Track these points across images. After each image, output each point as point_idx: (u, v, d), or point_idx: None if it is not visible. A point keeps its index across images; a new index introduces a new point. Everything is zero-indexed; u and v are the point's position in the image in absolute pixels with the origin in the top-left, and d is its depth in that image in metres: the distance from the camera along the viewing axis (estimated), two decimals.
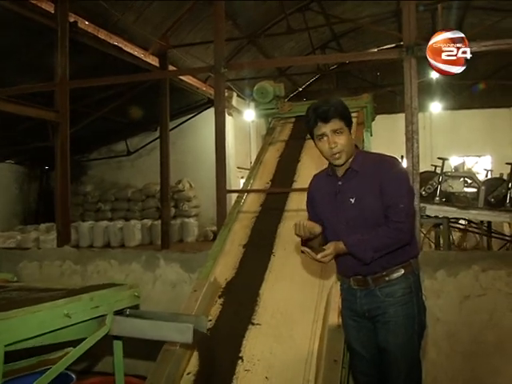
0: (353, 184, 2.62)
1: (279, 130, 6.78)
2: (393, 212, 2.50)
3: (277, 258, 4.43)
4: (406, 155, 4.74)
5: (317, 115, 2.58)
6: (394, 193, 2.52)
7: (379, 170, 2.56)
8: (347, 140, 2.58)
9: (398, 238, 2.51)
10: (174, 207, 13.41)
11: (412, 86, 4.68)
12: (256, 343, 3.53)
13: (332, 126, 2.56)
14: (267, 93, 6.71)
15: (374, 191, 2.54)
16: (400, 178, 2.56)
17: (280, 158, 6.12)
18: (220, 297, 4.04)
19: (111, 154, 15.03)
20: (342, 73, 17.90)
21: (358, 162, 2.64)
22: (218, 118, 5.55)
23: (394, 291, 2.60)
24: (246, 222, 5.07)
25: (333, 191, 2.69)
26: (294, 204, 5.30)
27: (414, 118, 4.71)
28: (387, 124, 16.12)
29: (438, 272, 4.56)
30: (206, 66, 7.36)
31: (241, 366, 3.37)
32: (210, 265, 4.40)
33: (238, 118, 14.82)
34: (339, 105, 2.58)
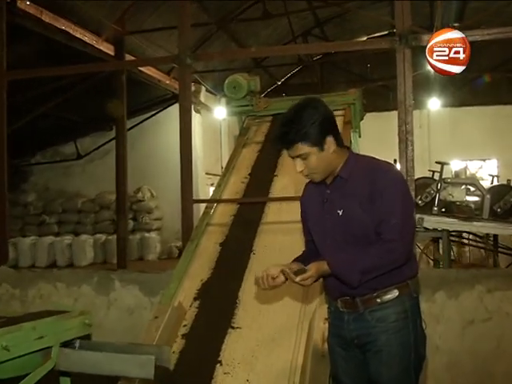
0: (341, 193, 2.64)
1: (254, 130, 6.80)
2: (384, 229, 2.50)
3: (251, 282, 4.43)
4: (399, 159, 4.80)
5: (277, 144, 2.65)
6: (387, 206, 2.52)
7: (370, 178, 2.56)
8: (317, 161, 2.60)
9: (390, 259, 2.51)
10: (132, 220, 13.30)
11: (406, 79, 4.75)
12: (236, 347, 3.78)
13: (294, 151, 2.61)
14: (240, 87, 6.74)
15: (364, 203, 2.54)
16: (394, 187, 2.55)
17: (255, 163, 6.15)
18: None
19: (58, 157, 14.86)
20: (327, 64, 18.08)
21: (347, 168, 2.64)
22: (184, 116, 5.55)
23: (387, 316, 2.61)
24: (216, 237, 5.07)
25: (320, 201, 2.71)
26: (272, 215, 5.32)
27: (408, 116, 4.78)
28: (378, 123, 16.30)
29: (437, 293, 4.61)
30: (170, 56, 7.37)
31: (219, 369, 3.65)
32: (174, 287, 4.38)
33: (207, 116, 14.82)
34: (301, 125, 2.55)
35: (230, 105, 7.05)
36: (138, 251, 12.73)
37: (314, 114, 2.58)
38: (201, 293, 4.40)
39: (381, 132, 15.96)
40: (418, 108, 16.66)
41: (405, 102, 4.81)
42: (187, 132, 5.55)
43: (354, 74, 18.03)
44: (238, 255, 4.80)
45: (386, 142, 13.56)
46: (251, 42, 14.39)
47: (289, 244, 4.48)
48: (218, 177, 6.94)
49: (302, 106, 2.61)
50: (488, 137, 17.23)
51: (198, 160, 13.37)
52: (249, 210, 5.48)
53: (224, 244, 4.97)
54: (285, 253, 4.30)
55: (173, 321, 4.05)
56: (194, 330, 4.10)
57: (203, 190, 13.78)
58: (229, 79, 6.85)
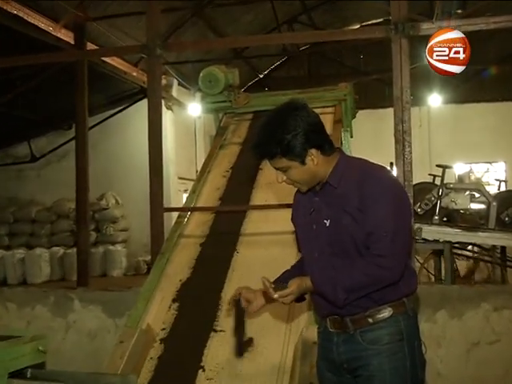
0: (329, 202, 2.66)
1: (233, 129, 6.82)
2: (373, 242, 2.52)
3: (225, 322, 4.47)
4: (395, 162, 4.83)
5: (256, 156, 2.70)
6: (376, 216, 2.53)
7: (361, 185, 2.57)
8: (299, 173, 2.63)
9: (379, 276, 2.52)
10: (94, 231, 13.23)
11: (403, 73, 4.78)
12: (219, 351, 3.95)
13: (274, 164, 2.66)
14: (217, 81, 6.75)
15: (353, 213, 2.56)
16: (386, 196, 2.56)
17: (234, 166, 6.16)
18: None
19: (9, 159, 14.74)
20: (315, 55, 18.17)
21: (337, 174, 2.66)
22: (153, 113, 5.53)
23: (380, 337, 2.62)
24: (190, 250, 5.07)
25: (308, 209, 2.73)
26: (253, 225, 5.33)
27: (405, 114, 4.81)
28: (373, 122, 16.40)
29: (439, 313, 4.64)
30: (137, 45, 7.34)
31: (202, 375, 3.83)
32: (142, 307, 4.37)
33: (180, 114, 14.81)
34: (281, 136, 2.57)
35: (206, 101, 7.04)
36: (101, 266, 12.66)
37: (297, 122, 2.58)
38: (180, 295, 4.53)
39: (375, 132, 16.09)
40: (417, 105, 16.81)
41: (402, 98, 4.85)
42: (157, 131, 5.53)
43: (345, 66, 18.14)
44: (213, 270, 4.80)
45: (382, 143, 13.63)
46: (230, 29, 14.42)
47: (272, 258, 4.52)
48: (193, 182, 6.92)
49: (283, 112, 2.62)
50: (495, 137, 17.37)
51: (170, 163, 13.33)
52: (227, 219, 5.48)
53: (199, 258, 4.97)
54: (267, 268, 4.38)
55: (140, 346, 4.03)
56: (174, 334, 4.23)
57: (175, 197, 13.74)
58: (204, 72, 6.85)
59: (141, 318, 4.28)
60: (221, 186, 5.92)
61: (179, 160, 14.54)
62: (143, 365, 3.99)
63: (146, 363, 4.10)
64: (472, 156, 17.75)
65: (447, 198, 6.95)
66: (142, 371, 4.01)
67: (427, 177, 8.55)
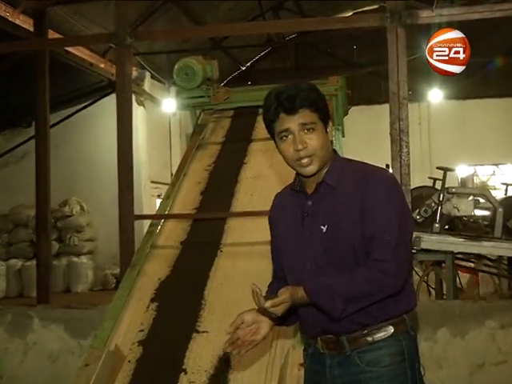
0: (326, 205, 2.64)
1: (212, 127, 6.82)
2: (375, 247, 2.52)
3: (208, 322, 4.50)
4: (391, 164, 4.85)
5: (279, 103, 2.59)
6: (379, 219, 2.54)
7: (362, 187, 2.58)
8: (321, 140, 2.60)
9: (382, 284, 2.50)
10: (56, 241, 13.15)
11: (399, 65, 4.82)
12: (203, 353, 4.16)
13: (300, 118, 2.58)
14: (194, 74, 6.75)
15: (354, 217, 2.56)
16: (390, 198, 2.58)
17: (213, 169, 6.17)
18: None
19: None
20: (304, 46, 18.21)
21: (333, 173, 2.66)
22: (123, 110, 5.53)
23: (380, 358, 2.61)
24: (164, 262, 5.06)
25: (299, 214, 2.70)
26: (235, 234, 5.34)
27: (402, 111, 4.84)
28: (367, 119, 16.44)
29: (440, 331, 4.66)
30: (105, 34, 7.35)
31: (184, 378, 4.02)
32: (110, 326, 4.35)
33: (153, 110, 14.77)
34: (312, 91, 2.62)
35: (182, 96, 7.05)
36: (63, 281, 12.58)
37: (320, 91, 2.66)
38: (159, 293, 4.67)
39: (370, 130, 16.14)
40: (416, 100, 16.88)
41: (398, 94, 4.88)
42: (127, 129, 5.53)
43: (336, 57, 18.18)
44: (190, 286, 4.80)
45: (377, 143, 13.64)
46: (208, 17, 14.42)
47: (254, 271, 4.53)
48: (167, 186, 6.90)
49: (302, 81, 2.69)
50: (502, 136, 17.42)
51: (142, 165, 13.30)
52: (205, 227, 5.47)
53: (173, 270, 4.97)
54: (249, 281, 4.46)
55: (108, 369, 4.02)
56: (153, 336, 4.38)
57: (148, 203, 13.71)
58: (179, 63, 6.85)
59: (108, 339, 4.26)
60: (198, 191, 5.91)
61: (152, 162, 14.50)
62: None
63: (124, 366, 4.17)
64: (476, 157, 17.83)
65: (449, 203, 6.98)
66: (120, 375, 4.08)
67: (427, 180, 8.59)
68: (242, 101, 6.87)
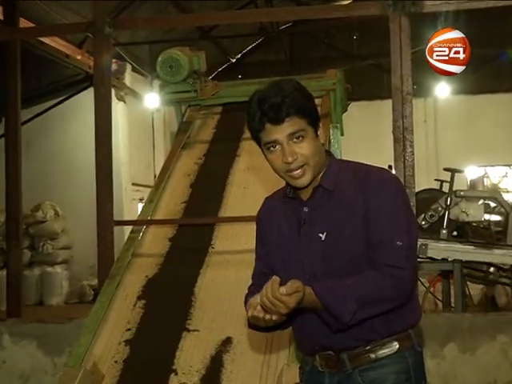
0: (324, 210, 2.63)
1: (199, 124, 6.82)
2: (385, 253, 2.51)
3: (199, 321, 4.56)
4: (394, 165, 4.86)
5: (263, 112, 2.55)
6: (387, 223, 2.53)
7: (364, 189, 2.57)
8: (313, 147, 2.56)
9: (394, 288, 2.48)
10: (29, 248, 13.11)
11: (403, 57, 4.83)
12: (194, 352, 4.30)
13: (288, 128, 2.53)
14: (179, 66, 6.74)
15: (358, 221, 2.54)
16: (396, 200, 2.58)
17: (200, 170, 6.17)
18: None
19: None
20: (299, 36, 18.25)
21: (330, 176, 2.65)
22: (101, 105, 5.52)
23: (384, 377, 2.60)
24: (145, 273, 5.06)
25: (294, 223, 2.68)
26: (223, 242, 5.34)
27: (406, 107, 4.85)
28: (368, 116, 16.46)
29: (448, 346, 4.66)
30: (82, 23, 7.33)
31: (174, 379, 4.15)
32: (87, 343, 4.34)
33: (135, 106, 14.75)
34: (298, 93, 2.56)
35: (166, 90, 7.02)
36: (36, 293, 12.54)
37: (307, 90, 2.63)
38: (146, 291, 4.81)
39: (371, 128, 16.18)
40: (422, 96, 16.92)
41: (402, 88, 4.89)
42: (106, 127, 5.52)
43: (334, 49, 18.23)
44: (174, 297, 4.80)
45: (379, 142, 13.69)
46: (195, 4, 14.42)
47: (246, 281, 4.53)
48: (150, 189, 6.90)
49: (287, 80, 2.64)
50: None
51: (122, 166, 13.27)
52: (191, 234, 5.48)
53: (156, 282, 4.96)
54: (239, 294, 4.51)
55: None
56: (140, 335, 4.51)
57: (129, 208, 13.69)
58: (163, 55, 6.83)
59: (85, 356, 4.24)
60: (184, 194, 5.91)
61: (133, 162, 14.49)
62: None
63: (111, 368, 4.24)
64: (487, 157, 17.80)
65: (457, 208, 6.99)
66: (106, 376, 4.15)
67: (433, 183, 8.61)
68: (232, 96, 6.86)
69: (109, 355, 4.68)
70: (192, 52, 7.01)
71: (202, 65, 6.95)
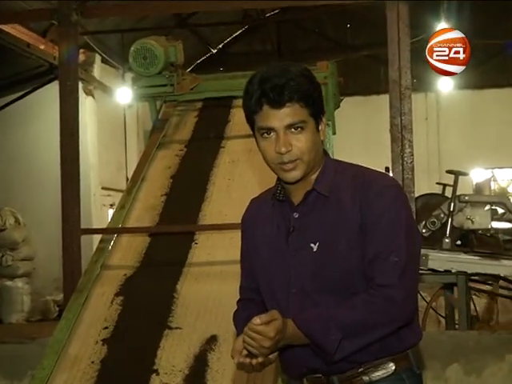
0: (317, 218, 2.62)
1: (176, 122, 6.83)
2: (379, 269, 2.50)
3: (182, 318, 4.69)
4: (392, 166, 4.87)
5: (263, 92, 2.51)
6: (385, 237, 2.53)
7: (362, 196, 2.56)
8: (311, 142, 2.53)
9: (387, 314, 2.48)
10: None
11: (401, 48, 4.84)
12: (176, 351, 4.43)
13: (287, 115, 2.51)
14: (154, 57, 6.73)
15: (354, 233, 2.52)
16: (396, 211, 2.57)
17: (177, 173, 6.17)
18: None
19: None
20: (287, 24, 18.25)
21: (326, 179, 2.64)
22: (67, 101, 5.51)
23: None
24: (116, 286, 5.05)
25: (283, 229, 2.68)
26: (204, 253, 5.33)
27: (404, 103, 4.86)
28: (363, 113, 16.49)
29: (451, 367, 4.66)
30: (46, 9, 7.31)
31: (156, 379, 4.28)
32: (50, 365, 4.32)
33: (105, 101, 14.74)
34: (305, 79, 2.56)
35: (139, 84, 7.03)
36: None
37: (314, 78, 2.62)
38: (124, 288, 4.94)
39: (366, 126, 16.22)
40: (423, 90, 17.02)
41: (400, 82, 4.90)
42: (72, 125, 5.50)
43: (326, 38, 18.27)
44: (147, 317, 4.80)
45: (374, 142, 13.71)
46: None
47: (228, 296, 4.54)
48: (122, 193, 6.89)
49: (294, 63, 2.62)
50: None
51: (91, 168, 13.27)
52: (167, 243, 5.47)
53: (128, 297, 4.96)
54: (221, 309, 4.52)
55: None
56: (118, 334, 4.64)
57: (98, 214, 13.68)
58: (137, 45, 6.83)
59: (49, 380, 4.22)
60: (159, 200, 5.90)
61: (103, 164, 14.47)
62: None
63: (88, 368, 4.37)
64: (494, 159, 17.91)
65: (461, 214, 7.01)
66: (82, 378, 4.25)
67: (435, 187, 8.65)
68: (213, 90, 6.87)
69: (85, 355, 4.73)
70: (168, 42, 7.01)
71: (180, 56, 6.95)
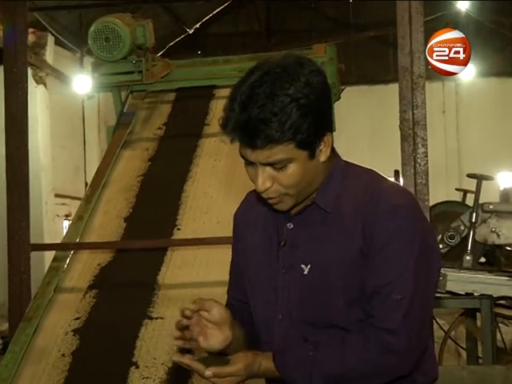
0: (312, 233, 2.61)
1: (144, 116, 6.86)
2: (378, 307, 2.47)
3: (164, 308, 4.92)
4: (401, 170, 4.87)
5: (235, 128, 2.42)
6: (389, 268, 2.49)
7: (368, 218, 2.51)
8: (300, 174, 2.40)
9: (383, 364, 2.45)
10: None
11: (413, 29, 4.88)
12: (158, 343, 4.70)
13: (269, 155, 2.45)
14: (118, 39, 6.73)
15: (353, 258, 2.49)
16: (407, 235, 2.51)
17: (146, 177, 6.19)
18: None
19: None
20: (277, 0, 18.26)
21: (329, 192, 2.60)
22: (14, 90, 5.51)
23: None
24: (72, 314, 5.05)
25: (275, 239, 2.68)
26: (176, 271, 5.35)
27: (417, 94, 4.89)
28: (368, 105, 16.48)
29: None
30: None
31: (135, 373, 4.55)
32: None
33: (60, 91, 14.73)
34: (292, 108, 2.37)
35: (101, 71, 7.02)
36: None
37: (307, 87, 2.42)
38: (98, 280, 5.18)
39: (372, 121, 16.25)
40: (439, 79, 17.02)
41: (411, 69, 4.93)
42: (20, 120, 5.50)
43: (324, 17, 18.32)
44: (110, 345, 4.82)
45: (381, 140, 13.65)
46: None
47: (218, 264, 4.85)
48: (79, 202, 6.88)
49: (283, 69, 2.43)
50: None
51: (43, 171, 13.25)
52: (134, 261, 5.49)
53: (88, 325, 4.95)
54: (211, 280, 4.70)
55: None
56: (91, 324, 4.84)
57: (51, 227, 13.66)
58: (97, 24, 6.83)
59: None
60: (124, 209, 5.92)
61: (58, 166, 14.46)
62: None
63: (58, 362, 4.60)
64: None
65: (485, 226, 7.03)
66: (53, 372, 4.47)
67: (454, 193, 8.68)
68: (189, 79, 6.88)
69: (54, 348, 4.89)
70: (135, 20, 7.01)
71: (149, 37, 6.94)
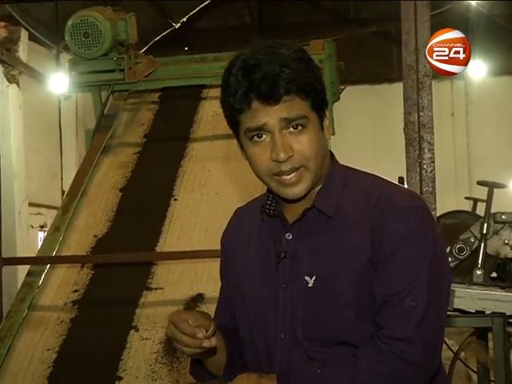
0: (316, 243, 2.61)
1: (126, 119, 6.88)
2: (391, 316, 2.48)
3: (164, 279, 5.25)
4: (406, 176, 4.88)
5: (251, 84, 2.41)
6: (401, 274, 2.50)
7: (375, 223, 2.53)
8: (316, 143, 2.43)
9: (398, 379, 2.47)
10: None
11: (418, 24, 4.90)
12: (157, 309, 5.09)
13: (284, 110, 2.46)
14: (98, 34, 6.73)
15: (361, 267, 2.50)
16: (418, 239, 2.53)
17: (129, 185, 6.20)
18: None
19: None
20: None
21: (330, 194, 2.62)
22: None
23: None
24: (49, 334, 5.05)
25: (272, 252, 2.67)
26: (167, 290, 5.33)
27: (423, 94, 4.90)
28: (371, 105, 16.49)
29: None
30: None
31: (135, 335, 5.00)
32: None
33: (34, 91, 14.74)
34: (301, 63, 2.49)
35: (79, 69, 7.02)
36: None
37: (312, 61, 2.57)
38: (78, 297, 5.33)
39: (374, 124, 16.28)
40: (447, 78, 17.04)
41: (417, 68, 4.95)
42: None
43: (322, 10, 18.36)
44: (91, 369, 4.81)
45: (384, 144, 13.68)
46: None
47: None
48: (56, 212, 6.89)
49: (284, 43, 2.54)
50: None
51: (15, 178, 13.25)
52: (116, 277, 5.50)
53: (64, 345, 4.96)
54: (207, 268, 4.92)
55: None
56: (90, 294, 5.31)
57: (25, 238, 13.65)
58: (75, 18, 6.83)
59: None
60: (105, 220, 5.93)
61: (32, 173, 14.46)
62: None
63: (57, 327, 5.01)
64: None
65: (497, 238, 7.04)
66: (51, 336, 4.84)
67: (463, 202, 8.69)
68: (175, 77, 6.88)
69: (53, 316, 5.22)
70: (117, 14, 7.01)
71: (132, 33, 6.94)
